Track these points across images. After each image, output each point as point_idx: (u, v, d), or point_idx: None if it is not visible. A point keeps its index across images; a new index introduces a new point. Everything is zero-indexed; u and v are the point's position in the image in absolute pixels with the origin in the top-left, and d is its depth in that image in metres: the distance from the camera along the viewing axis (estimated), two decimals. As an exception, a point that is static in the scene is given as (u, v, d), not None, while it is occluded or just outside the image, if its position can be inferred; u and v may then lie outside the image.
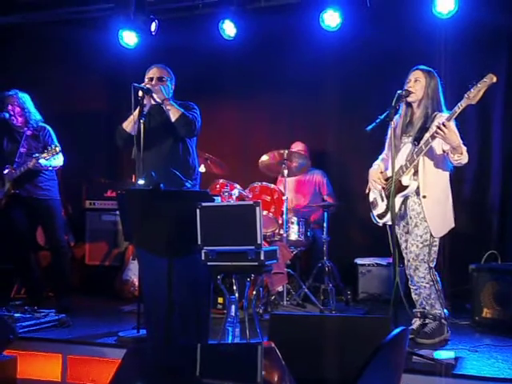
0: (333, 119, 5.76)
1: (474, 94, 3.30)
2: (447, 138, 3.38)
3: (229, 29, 5.64)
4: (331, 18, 5.36)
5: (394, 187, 3.45)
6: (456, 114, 3.39)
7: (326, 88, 5.67)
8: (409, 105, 3.75)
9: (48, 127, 4.91)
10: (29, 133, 4.83)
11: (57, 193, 4.92)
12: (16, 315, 4.10)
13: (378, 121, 3.50)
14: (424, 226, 3.61)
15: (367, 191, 3.97)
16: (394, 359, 1.62)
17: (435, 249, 3.64)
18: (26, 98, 4.86)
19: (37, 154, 4.60)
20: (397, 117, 3.69)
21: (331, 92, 5.65)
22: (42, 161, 4.58)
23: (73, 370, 3.69)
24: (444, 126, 3.33)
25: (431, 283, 3.63)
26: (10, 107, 4.78)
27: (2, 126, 4.87)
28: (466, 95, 3.33)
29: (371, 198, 3.96)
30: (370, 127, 3.53)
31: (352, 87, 5.64)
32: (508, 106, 5.15)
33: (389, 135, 3.71)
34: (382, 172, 3.86)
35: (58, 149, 4.59)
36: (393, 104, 3.48)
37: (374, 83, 5.41)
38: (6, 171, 4.74)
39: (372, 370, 1.41)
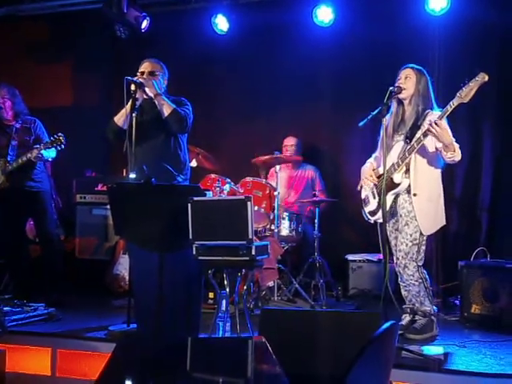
0: (326, 115, 5.75)
1: (466, 93, 3.33)
2: (440, 136, 3.40)
3: (221, 23, 5.63)
4: (324, 14, 5.36)
5: (385, 186, 3.46)
6: (448, 113, 3.41)
7: (319, 83, 5.66)
8: (400, 103, 3.75)
9: (37, 120, 4.88)
10: (18, 126, 4.80)
11: (48, 185, 4.93)
12: (5, 309, 4.07)
13: (370, 117, 3.52)
14: (414, 224, 3.62)
15: (359, 188, 3.98)
16: (384, 353, 1.63)
17: (423, 248, 3.66)
18: (15, 91, 4.84)
19: (38, 145, 4.56)
20: (388, 115, 3.70)
21: (324, 87, 5.64)
22: (44, 152, 4.54)
23: (62, 364, 3.68)
24: (436, 124, 3.35)
25: (420, 281, 3.66)
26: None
27: None
28: (457, 94, 3.35)
29: (363, 195, 3.96)
30: (362, 123, 3.56)
31: (345, 83, 5.63)
32: (499, 105, 5.16)
33: (381, 134, 3.73)
34: (374, 169, 3.87)
35: (62, 138, 4.51)
36: (385, 100, 3.51)
37: (367, 79, 5.42)
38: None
39: (362, 363, 1.42)
